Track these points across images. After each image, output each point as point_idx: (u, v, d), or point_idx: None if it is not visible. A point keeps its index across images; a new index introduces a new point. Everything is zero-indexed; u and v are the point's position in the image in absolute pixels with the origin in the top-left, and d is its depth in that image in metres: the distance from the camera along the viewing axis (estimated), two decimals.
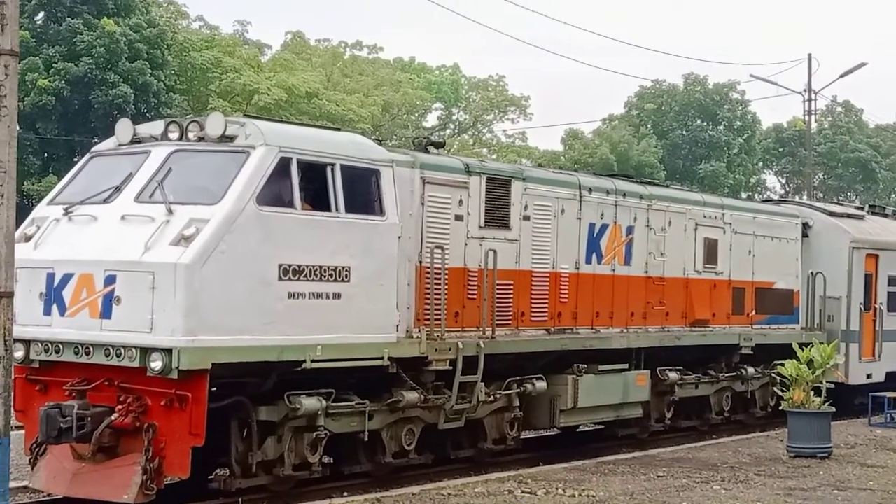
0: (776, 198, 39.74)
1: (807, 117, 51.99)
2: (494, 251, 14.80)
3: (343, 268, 12.53)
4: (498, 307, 14.98)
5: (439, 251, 13.94)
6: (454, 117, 69.34)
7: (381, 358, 13.07)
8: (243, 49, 54.70)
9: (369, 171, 13.15)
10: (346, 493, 13.34)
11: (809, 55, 48.83)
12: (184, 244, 11.25)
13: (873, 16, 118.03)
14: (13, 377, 12.35)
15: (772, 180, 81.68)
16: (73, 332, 11.65)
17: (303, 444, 12.69)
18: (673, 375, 18.33)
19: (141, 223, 11.66)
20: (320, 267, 12.29)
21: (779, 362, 17.50)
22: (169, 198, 11.77)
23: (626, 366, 17.19)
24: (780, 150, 78.48)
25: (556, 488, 13.36)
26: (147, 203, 11.93)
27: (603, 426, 18.18)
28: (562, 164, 56.96)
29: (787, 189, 78.70)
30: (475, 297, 14.74)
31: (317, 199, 12.56)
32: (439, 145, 15.75)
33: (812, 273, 21.63)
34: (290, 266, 11.97)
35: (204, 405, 11.27)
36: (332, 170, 12.68)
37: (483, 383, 14.57)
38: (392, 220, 13.23)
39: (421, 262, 13.95)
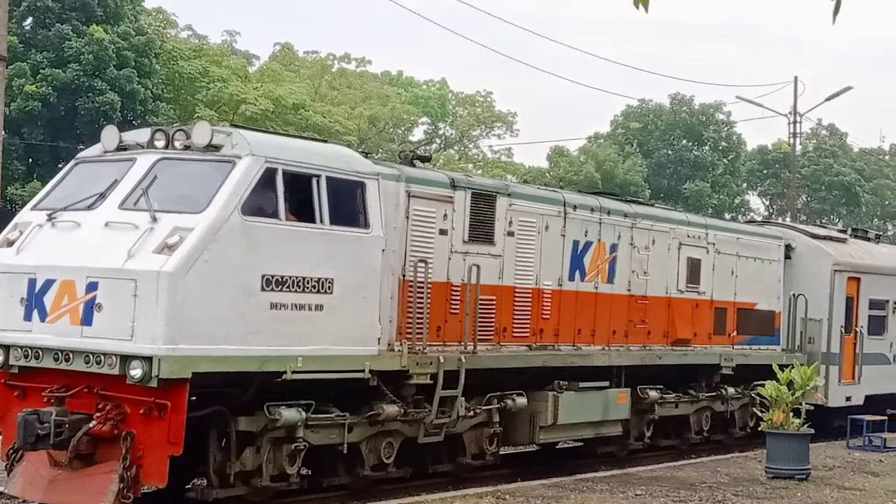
0: (759, 219, 39.85)
1: (792, 140, 52.21)
2: (478, 266, 14.81)
3: (326, 279, 12.52)
4: (480, 322, 14.98)
5: (423, 265, 13.94)
6: (440, 132, 69.44)
7: (363, 371, 13.04)
8: (231, 59, 54.73)
9: (355, 184, 13.15)
10: None
11: (795, 78, 49.14)
12: (167, 252, 11.21)
13: (860, 40, 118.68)
14: None
15: (755, 201, 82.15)
16: (53, 338, 11.59)
17: (281, 455, 12.64)
18: (653, 394, 18.35)
19: (124, 230, 11.62)
20: (303, 278, 12.27)
21: (759, 383, 17.55)
22: (153, 206, 11.73)
23: (606, 383, 17.20)
24: (765, 171, 78.86)
25: None
26: (131, 210, 11.89)
27: (582, 443, 18.18)
28: (547, 181, 57.03)
29: (771, 211, 79.04)
30: (458, 311, 14.74)
31: (301, 210, 12.54)
32: (425, 159, 15.76)
33: (794, 295, 21.69)
34: (273, 276, 11.95)
35: (183, 414, 11.21)
36: (318, 181, 12.68)
37: (463, 398, 14.55)
38: (376, 233, 13.23)
39: (404, 276, 13.95)
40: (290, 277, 12.12)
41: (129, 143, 12.92)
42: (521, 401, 15.65)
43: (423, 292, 13.92)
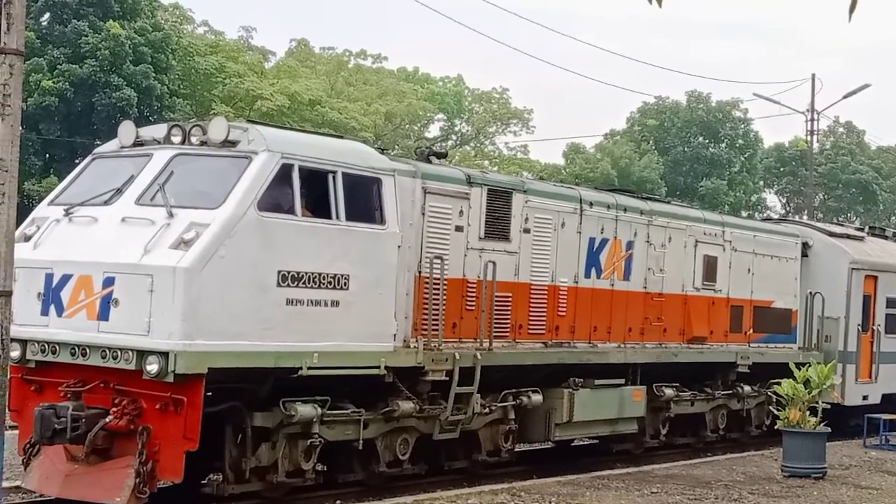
0: (776, 217, 39.79)
1: (809, 137, 52.00)
2: (494, 263, 14.79)
3: (342, 275, 12.52)
4: (496, 319, 14.96)
5: (439, 261, 13.93)
6: (456, 128, 69.39)
7: (378, 367, 13.04)
8: (247, 55, 54.78)
9: (371, 180, 13.15)
10: (338, 502, 13.35)
11: (813, 75, 48.93)
12: (183, 248, 11.24)
13: (879, 37, 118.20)
14: (9, 377, 12.42)
15: (772, 199, 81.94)
16: (69, 332, 11.64)
17: (297, 450, 12.66)
18: (669, 392, 18.31)
19: (141, 226, 11.66)
20: (319, 274, 12.27)
21: (775, 381, 17.48)
22: (170, 201, 11.76)
23: (622, 381, 17.17)
24: (782, 169, 78.65)
25: (550, 502, 13.35)
26: (148, 206, 11.92)
27: (597, 441, 18.16)
28: (563, 178, 56.99)
29: (788, 208, 78.82)
30: (473, 308, 14.73)
31: (317, 206, 12.55)
32: (441, 155, 15.74)
33: (811, 293, 21.62)
34: (289, 272, 11.95)
35: (199, 409, 11.25)
36: (334, 177, 12.68)
37: (479, 395, 14.55)
38: (392, 229, 13.23)
39: (420, 272, 13.94)
40: (306, 273, 12.12)
41: (145, 138, 12.95)
42: (537, 398, 15.63)
43: (438, 289, 13.91)
